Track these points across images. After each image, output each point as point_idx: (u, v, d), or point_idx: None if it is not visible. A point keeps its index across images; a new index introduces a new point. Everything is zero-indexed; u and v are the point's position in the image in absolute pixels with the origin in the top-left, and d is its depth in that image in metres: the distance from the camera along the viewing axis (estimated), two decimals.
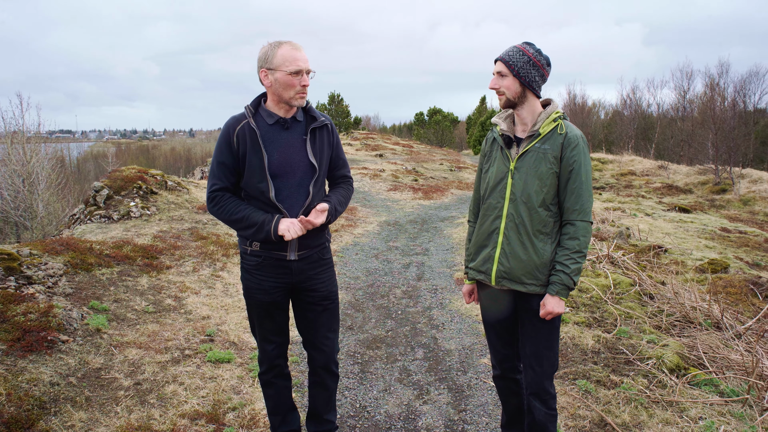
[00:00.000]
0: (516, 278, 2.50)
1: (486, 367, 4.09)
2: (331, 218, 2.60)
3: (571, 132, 2.44)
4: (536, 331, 2.55)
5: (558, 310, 2.43)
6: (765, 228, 14.85)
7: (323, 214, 2.52)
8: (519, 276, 2.49)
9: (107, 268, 5.33)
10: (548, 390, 2.56)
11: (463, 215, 10.89)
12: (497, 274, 2.55)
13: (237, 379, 3.76)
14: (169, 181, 8.88)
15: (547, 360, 2.56)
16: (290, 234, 2.42)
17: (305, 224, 2.45)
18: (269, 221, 2.44)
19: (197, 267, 5.98)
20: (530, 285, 2.49)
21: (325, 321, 2.73)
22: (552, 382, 2.61)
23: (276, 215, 2.47)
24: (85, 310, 4.39)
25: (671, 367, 3.95)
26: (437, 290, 5.93)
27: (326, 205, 2.54)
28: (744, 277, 6.64)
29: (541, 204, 2.45)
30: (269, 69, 2.44)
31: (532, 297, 2.52)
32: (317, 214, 2.51)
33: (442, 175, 20.09)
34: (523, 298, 2.56)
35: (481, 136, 42.90)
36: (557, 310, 2.43)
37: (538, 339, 2.55)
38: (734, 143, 20.12)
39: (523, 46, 2.46)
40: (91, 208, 7.69)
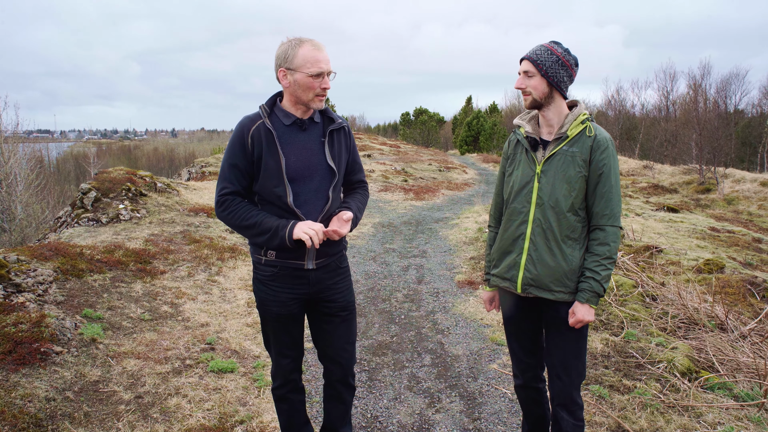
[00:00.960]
0: (544, 285, 2.41)
1: (496, 373, 4.01)
2: (353, 226, 2.49)
3: (600, 134, 2.36)
4: (564, 340, 2.47)
5: (588, 318, 2.35)
6: (750, 227, 15.06)
7: (348, 223, 2.40)
8: (547, 283, 2.40)
9: (99, 273, 5.14)
10: (576, 401, 2.48)
11: (456, 216, 10.83)
12: (523, 281, 2.46)
13: (242, 389, 3.62)
14: (158, 182, 8.67)
15: (575, 370, 2.48)
16: (307, 237, 2.25)
17: (330, 235, 2.33)
18: (284, 226, 2.31)
19: (192, 272, 5.81)
20: (558, 293, 2.40)
21: (342, 332, 2.61)
22: (579, 393, 2.53)
23: (291, 220, 2.34)
24: (78, 318, 4.21)
25: (682, 370, 3.91)
26: (439, 293, 5.84)
27: (350, 213, 2.42)
28: (741, 278, 6.66)
29: (569, 209, 2.36)
30: (288, 69, 2.31)
31: (560, 305, 2.43)
32: (342, 223, 2.39)
33: (432, 175, 20.04)
34: (549, 306, 2.47)
35: (468, 136, 42.98)
36: (587, 318, 2.35)
37: (566, 348, 2.47)
38: (718, 143, 20.42)
39: (551, 44, 2.37)
40: (79, 210, 7.46)
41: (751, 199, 18.10)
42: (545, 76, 2.33)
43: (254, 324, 4.76)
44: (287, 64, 2.31)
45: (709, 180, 19.84)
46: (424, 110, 51.68)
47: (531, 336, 2.64)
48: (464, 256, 7.39)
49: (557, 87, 2.36)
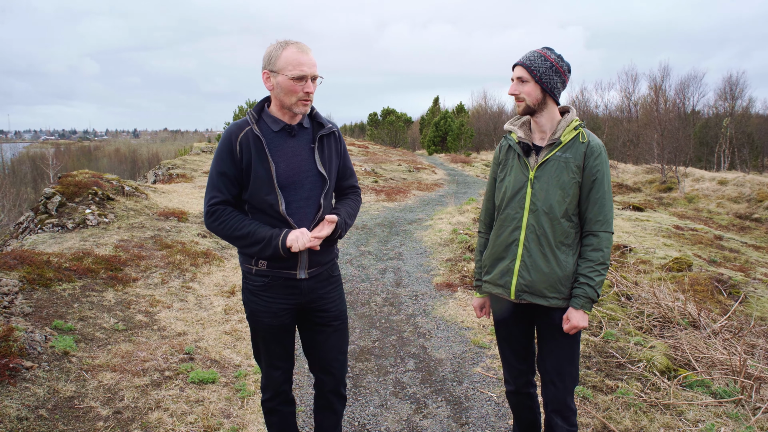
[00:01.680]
0: (538, 292, 2.41)
1: (481, 377, 4.02)
2: (342, 232, 2.44)
3: (593, 141, 2.38)
4: (558, 346, 2.47)
5: (583, 324, 2.36)
6: (710, 224, 15.62)
7: (331, 225, 2.36)
8: (541, 289, 2.40)
9: (68, 282, 4.94)
10: (570, 406, 2.49)
11: (430, 217, 10.86)
12: (517, 287, 2.45)
13: (225, 401, 3.52)
14: (126, 186, 8.40)
15: (569, 375, 2.48)
16: (298, 245, 2.23)
17: (313, 245, 2.28)
18: (277, 235, 2.25)
19: (166, 278, 5.64)
20: (553, 299, 2.40)
21: (335, 342, 2.56)
22: (573, 398, 2.54)
23: (284, 229, 2.29)
24: (48, 331, 4.02)
25: (661, 369, 4.00)
26: (418, 296, 5.83)
27: (335, 216, 2.38)
28: (708, 275, 6.88)
29: (563, 215, 2.37)
30: (272, 71, 2.26)
31: (554, 311, 2.44)
32: (323, 225, 2.35)
33: (402, 176, 20.08)
34: (543, 312, 2.48)
35: (436, 136, 43.26)
36: (582, 324, 2.36)
37: (560, 354, 2.47)
38: (678, 144, 21.10)
39: (544, 51, 2.38)
40: (42, 216, 7.16)
41: (710, 198, 18.77)
42: (539, 83, 2.33)
43: (233, 332, 4.65)
44: (270, 66, 2.26)
45: (671, 179, 20.48)
46: (391, 110, 51.74)
47: (523, 342, 2.64)
48: (440, 258, 7.41)
49: (551, 93, 2.37)
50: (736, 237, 13.37)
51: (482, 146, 47.84)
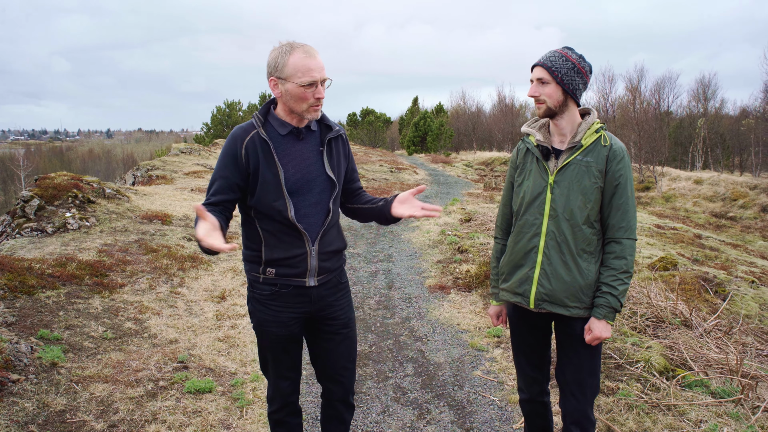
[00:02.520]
0: (558, 301, 2.33)
1: (481, 380, 3.98)
2: None
3: (615, 144, 2.30)
4: (579, 357, 2.39)
5: (605, 335, 2.28)
6: (688, 223, 15.94)
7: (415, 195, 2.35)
8: (561, 298, 2.32)
9: (52, 290, 4.76)
10: (590, 418, 2.43)
11: (417, 219, 10.82)
12: (537, 296, 2.36)
13: (224, 411, 3.42)
14: (106, 188, 8.18)
15: (590, 387, 2.41)
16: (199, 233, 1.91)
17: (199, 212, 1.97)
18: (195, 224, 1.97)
19: (153, 284, 5.49)
20: (574, 308, 2.32)
21: (344, 350, 2.49)
22: (593, 409, 2.48)
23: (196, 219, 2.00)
24: (34, 341, 3.86)
25: (660, 369, 4.02)
26: (411, 299, 5.78)
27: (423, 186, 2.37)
28: (694, 274, 6.98)
29: (585, 221, 2.29)
30: (279, 78, 2.17)
31: (575, 321, 2.36)
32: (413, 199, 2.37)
33: (383, 176, 20.05)
34: (563, 321, 2.40)
35: (416, 136, 43.36)
36: (605, 334, 2.28)
37: (581, 365, 2.39)
38: (655, 144, 21.49)
39: (564, 51, 2.30)
40: (20, 220, 6.91)
41: (686, 196, 19.16)
42: (561, 84, 2.25)
43: (226, 338, 4.53)
44: (278, 73, 2.17)
45: (648, 178, 20.86)
46: (371, 111, 51.71)
47: (539, 351, 2.57)
48: (431, 260, 7.37)
49: (572, 95, 2.28)
50: (714, 235, 13.66)
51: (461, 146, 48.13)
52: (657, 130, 21.95)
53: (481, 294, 5.76)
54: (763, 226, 16.83)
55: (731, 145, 33.47)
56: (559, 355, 2.47)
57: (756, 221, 16.98)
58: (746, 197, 18.44)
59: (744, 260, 10.13)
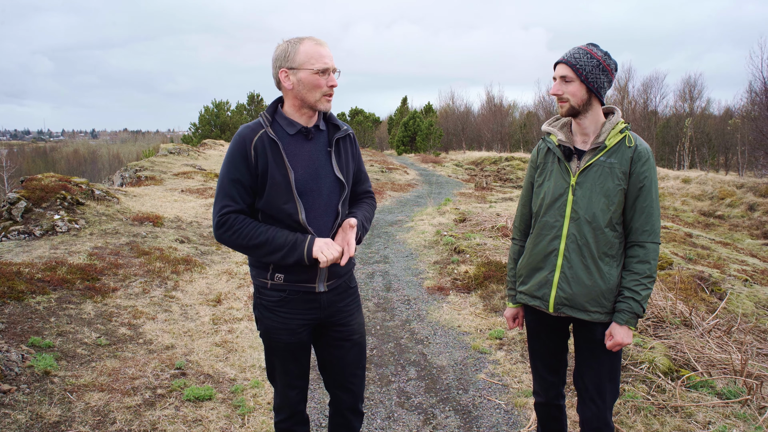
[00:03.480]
0: (579, 305, 2.27)
1: (486, 383, 3.92)
2: (361, 237, 2.30)
3: (641, 145, 2.23)
4: (599, 363, 2.33)
5: (627, 341, 2.22)
6: (677, 222, 16.06)
7: (353, 230, 2.19)
8: (582, 303, 2.26)
9: (42, 295, 4.62)
10: (610, 424, 2.37)
11: (410, 218, 10.77)
12: (556, 300, 2.30)
13: (225, 419, 3.32)
14: (96, 190, 8.01)
15: (609, 393, 2.36)
16: (323, 256, 2.06)
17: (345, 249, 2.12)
18: (302, 241, 2.08)
19: (147, 288, 5.36)
20: (594, 313, 2.26)
21: (354, 357, 2.41)
22: (612, 415, 2.42)
23: (308, 235, 2.12)
24: (24, 349, 3.74)
25: (664, 370, 3.99)
26: (410, 301, 5.71)
27: (354, 219, 2.21)
28: (690, 273, 6.99)
29: (607, 224, 2.23)
30: (291, 69, 2.10)
31: (595, 326, 2.30)
32: (347, 234, 2.17)
33: (374, 176, 19.96)
34: (583, 326, 2.34)
35: (405, 136, 43.26)
36: (626, 341, 2.22)
37: (601, 371, 2.33)
38: None
39: (589, 47, 2.23)
40: (6, 223, 6.73)
41: (675, 195, 19.30)
42: (585, 82, 2.18)
43: (223, 343, 4.43)
44: (288, 63, 2.10)
45: None
46: (360, 110, 51.62)
47: (556, 354, 2.52)
48: (428, 261, 7.31)
49: (596, 93, 2.21)
50: (704, 234, 13.75)
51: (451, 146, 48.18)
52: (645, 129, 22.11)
53: (481, 295, 5.71)
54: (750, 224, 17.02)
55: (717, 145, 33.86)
56: (578, 360, 2.41)
57: (743, 219, 17.15)
58: (733, 196, 18.62)
59: (735, 258, 10.20)
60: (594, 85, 2.19)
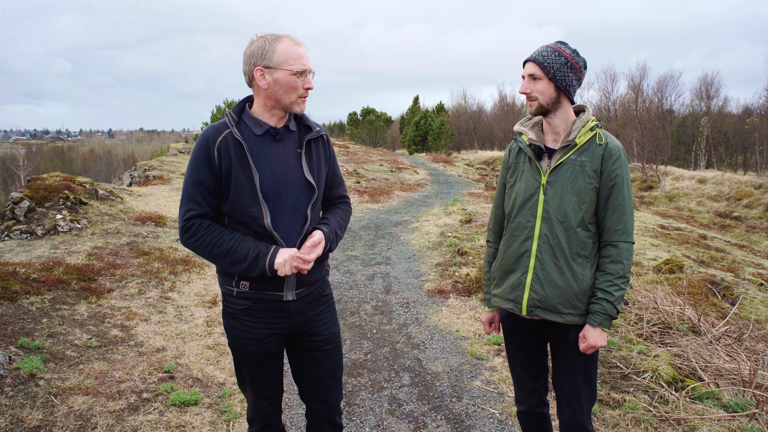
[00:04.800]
0: (552, 307, 2.21)
1: (481, 391, 3.81)
2: (332, 246, 2.19)
3: (611, 143, 2.19)
4: (573, 366, 2.28)
5: (601, 343, 2.17)
6: (692, 223, 15.74)
7: (318, 246, 2.08)
8: (555, 305, 2.21)
9: (36, 295, 4.59)
10: (588, 428, 2.30)
11: (415, 219, 10.65)
12: (529, 302, 2.25)
13: (209, 425, 3.25)
14: (99, 189, 8.01)
15: (585, 396, 2.30)
16: (284, 269, 1.99)
17: (299, 268, 2.03)
18: (264, 254, 1.99)
19: (143, 288, 5.32)
20: (568, 315, 2.21)
21: (328, 368, 2.31)
22: (590, 418, 2.35)
23: (272, 246, 2.02)
24: (12, 350, 3.70)
25: (668, 380, 3.83)
26: (409, 304, 5.60)
27: (320, 233, 2.10)
28: (701, 277, 6.79)
29: (579, 223, 2.18)
30: (267, 67, 2.00)
31: (569, 328, 2.25)
32: (310, 249, 2.06)
33: (384, 176, 19.86)
34: (557, 328, 2.28)
35: (416, 135, 43.15)
36: (600, 343, 2.16)
37: (576, 374, 2.28)
38: (658, 143, 21.27)
39: (557, 45, 2.19)
40: (9, 222, 6.75)
41: (690, 196, 18.94)
42: (553, 80, 2.15)
43: (216, 346, 4.36)
44: (265, 62, 2.00)
45: (651, 178, 20.64)
46: (371, 110, 51.55)
47: (535, 360, 2.45)
48: (430, 263, 7.19)
49: (565, 91, 2.18)
50: (719, 236, 13.45)
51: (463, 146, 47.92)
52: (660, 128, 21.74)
53: (482, 299, 5.58)
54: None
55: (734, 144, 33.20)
56: (554, 364, 2.35)
57: (761, 221, 16.75)
58: (751, 196, 18.20)
59: (751, 261, 9.94)
60: (562, 83, 2.15)
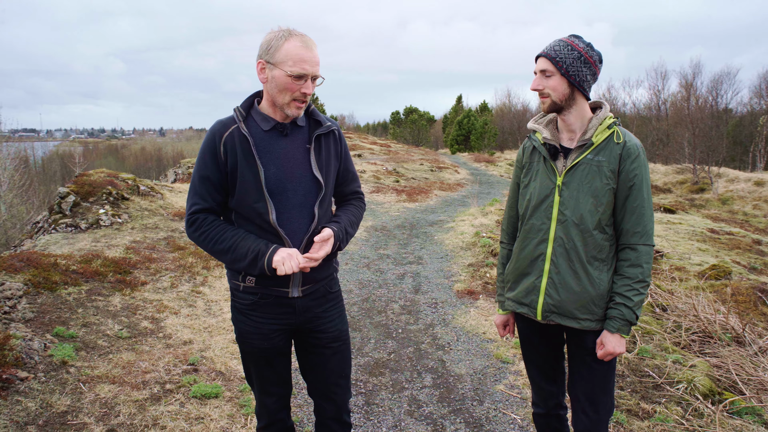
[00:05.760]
0: (567, 313, 2.13)
1: (504, 395, 3.71)
2: (342, 244, 2.16)
3: (630, 141, 2.08)
4: (591, 373, 2.19)
5: (619, 350, 2.07)
6: (746, 227, 14.92)
7: (327, 244, 2.05)
8: (571, 310, 2.12)
9: (74, 286, 4.78)
10: None
11: (452, 219, 10.53)
12: (544, 307, 2.17)
13: (227, 418, 3.29)
14: (141, 185, 8.29)
15: (603, 406, 2.21)
16: (284, 269, 1.95)
17: (304, 267, 2.00)
18: (263, 253, 1.97)
19: (175, 282, 5.46)
20: (585, 320, 2.12)
21: (335, 366, 2.29)
22: (607, 429, 2.25)
23: (272, 245, 2.00)
24: (48, 338, 3.85)
25: (704, 392, 3.63)
26: (437, 304, 5.53)
27: (329, 230, 2.07)
28: (750, 284, 6.41)
29: (596, 226, 2.08)
30: (268, 62, 1.99)
31: (586, 334, 2.16)
32: (320, 245, 2.04)
33: (423, 175, 19.75)
34: (574, 334, 2.20)
35: (459, 135, 42.73)
36: (618, 350, 2.07)
37: (593, 381, 2.19)
38: (711, 143, 20.31)
39: (570, 39, 2.09)
40: (56, 216, 7.06)
41: (745, 199, 17.99)
42: (565, 76, 2.06)
43: None
44: (268, 56, 1.98)
45: (703, 180, 19.73)
46: (414, 109, 51.45)
47: (552, 363, 2.38)
48: (462, 263, 7.09)
49: (579, 87, 2.08)
50: None
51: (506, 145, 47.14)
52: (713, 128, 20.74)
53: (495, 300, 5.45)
54: None
55: None
56: (571, 369, 2.27)
57: None
58: None
59: None
60: (576, 79, 2.06)
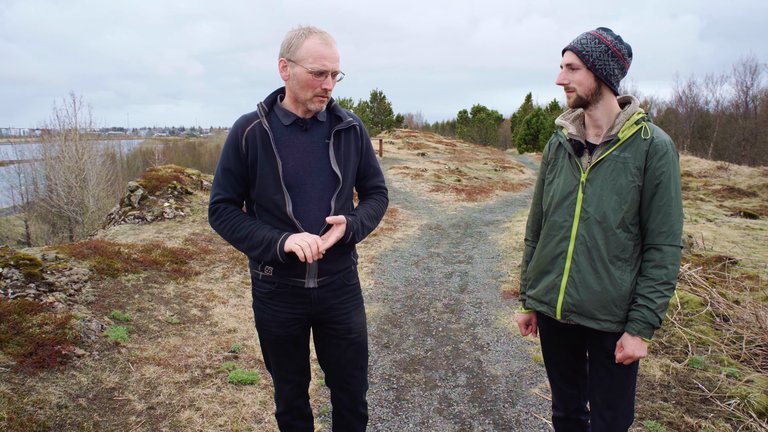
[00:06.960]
0: (587, 313, 2.06)
1: (537, 399, 3.61)
2: (357, 236, 2.18)
3: (658, 137, 1.98)
4: (610, 376, 2.11)
5: (639, 354, 1.98)
6: None
7: (337, 228, 2.07)
8: (591, 310, 2.06)
9: (134, 273, 5.11)
10: None
11: (508, 219, 10.33)
12: (563, 306, 2.11)
13: (259, 404, 3.42)
14: (204, 180, 8.71)
15: (621, 412, 2.12)
16: (299, 248, 1.96)
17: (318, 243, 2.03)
18: (275, 240, 2.03)
19: (227, 273, 5.71)
20: (605, 322, 2.05)
21: (350, 357, 2.33)
22: None
23: (284, 232, 2.06)
24: (105, 320, 4.15)
25: (759, 409, 3.37)
26: (482, 304, 5.46)
27: (343, 217, 2.10)
28: None
29: (619, 224, 2.00)
30: (290, 60, 2.05)
31: (607, 336, 2.08)
32: (332, 230, 2.07)
33: (486, 175, 19.46)
34: (594, 335, 2.13)
35: (527, 134, 41.70)
36: (638, 353, 1.98)
37: (612, 386, 2.11)
38: None
39: (598, 32, 2.01)
40: (126, 208, 7.58)
41: None
42: (592, 69, 1.98)
43: None
44: (289, 54, 2.05)
45: None
46: (482, 108, 50.78)
47: (573, 364, 2.31)
48: (512, 264, 6.94)
49: (606, 81, 2.00)
50: None
51: None
52: None
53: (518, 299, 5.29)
54: None
55: None
56: (590, 372, 2.20)
57: None
58: None
59: None
60: (602, 73, 1.98)
